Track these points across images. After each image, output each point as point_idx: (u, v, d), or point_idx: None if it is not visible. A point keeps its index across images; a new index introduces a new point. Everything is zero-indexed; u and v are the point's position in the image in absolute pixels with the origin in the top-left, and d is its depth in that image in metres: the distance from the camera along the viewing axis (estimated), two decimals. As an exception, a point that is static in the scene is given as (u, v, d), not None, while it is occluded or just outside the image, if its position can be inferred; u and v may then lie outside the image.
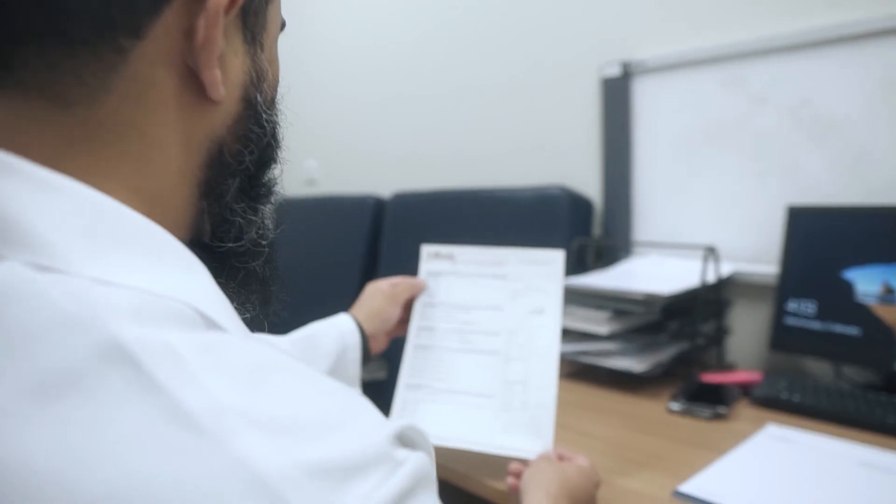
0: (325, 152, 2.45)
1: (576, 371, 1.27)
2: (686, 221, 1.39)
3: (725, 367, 1.27)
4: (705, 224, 1.35)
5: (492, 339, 0.85)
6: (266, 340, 0.43)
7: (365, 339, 0.83)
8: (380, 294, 0.87)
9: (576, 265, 1.36)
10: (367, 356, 0.84)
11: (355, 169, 2.32)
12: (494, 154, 1.79)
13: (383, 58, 2.15)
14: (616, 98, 1.47)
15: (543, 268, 0.87)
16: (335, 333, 0.81)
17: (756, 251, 1.27)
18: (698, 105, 1.34)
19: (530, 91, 1.69)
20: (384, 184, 2.01)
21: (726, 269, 1.25)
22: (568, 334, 1.25)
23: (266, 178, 0.41)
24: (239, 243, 0.38)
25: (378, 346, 0.87)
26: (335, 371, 0.80)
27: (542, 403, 0.80)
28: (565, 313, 1.19)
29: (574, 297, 1.18)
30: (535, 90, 1.67)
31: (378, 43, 2.18)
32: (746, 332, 1.30)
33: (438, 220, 1.70)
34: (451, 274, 0.91)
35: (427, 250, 0.93)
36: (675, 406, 1.03)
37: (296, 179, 2.57)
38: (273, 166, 0.41)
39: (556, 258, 0.87)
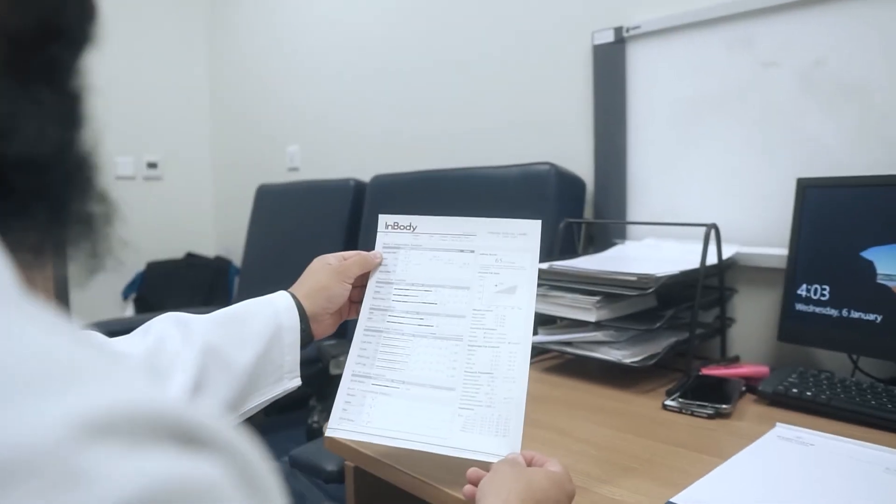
0: (308, 138, 2.33)
1: (560, 363, 1.15)
2: (685, 200, 1.26)
3: (728, 360, 1.14)
4: (706, 202, 1.23)
5: (455, 323, 0.73)
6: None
7: (305, 321, 0.71)
8: (326, 269, 0.74)
9: (564, 249, 1.23)
10: (308, 340, 0.72)
11: (339, 153, 2.20)
12: (480, 132, 1.67)
13: (361, 34, 2.03)
14: (608, 67, 1.34)
15: (517, 240, 0.75)
16: (268, 312, 0.69)
17: (763, 231, 1.15)
18: (699, 71, 1.21)
19: (516, 63, 1.56)
20: (370, 167, 1.89)
21: (729, 251, 1.12)
22: (552, 322, 1.12)
23: (50, 44, 0.28)
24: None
25: (322, 328, 0.74)
26: (266, 357, 0.67)
27: (511, 397, 0.68)
28: (550, 299, 1.06)
29: (560, 282, 1.06)
30: (521, 61, 1.55)
31: (355, 18, 2.05)
32: (751, 321, 1.18)
33: (419, 202, 1.57)
34: (411, 247, 0.78)
35: (384, 220, 0.80)
36: (671, 403, 0.91)
37: (279, 166, 2.45)
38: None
39: (531, 229, 0.75)
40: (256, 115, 2.58)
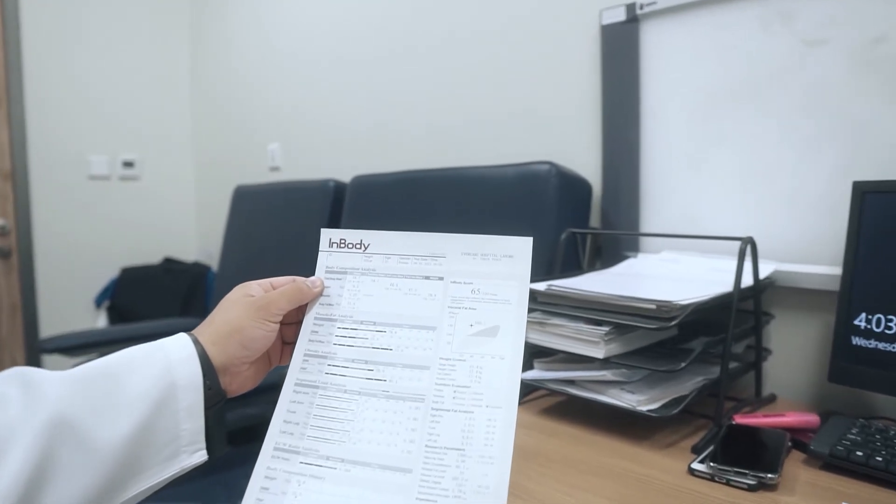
0: (288, 135, 2.15)
1: (558, 403, 0.95)
2: (709, 207, 1.07)
3: (763, 400, 0.95)
4: (735, 210, 1.03)
5: (416, 376, 0.54)
6: None
7: (212, 374, 0.52)
8: (243, 303, 0.55)
9: (566, 264, 1.04)
10: (216, 398, 0.53)
11: (321, 151, 2.02)
12: (470, 127, 1.48)
13: (343, 19, 1.85)
14: (619, 50, 1.15)
15: (500, 264, 0.56)
16: (155, 365, 0.50)
17: (807, 245, 0.95)
18: (728, 53, 1.02)
19: (512, 47, 1.37)
20: (355, 166, 1.71)
21: (766, 269, 0.93)
22: (550, 356, 0.93)
23: None
24: None
25: (239, 382, 0.56)
26: (151, 428, 0.49)
27: (487, 486, 0.49)
28: (548, 328, 0.87)
29: (561, 307, 0.87)
30: (519, 47, 1.36)
31: (338, 6, 1.87)
32: (790, 352, 0.98)
33: (402, 205, 1.39)
34: (362, 272, 0.59)
35: (327, 235, 0.62)
36: (701, 467, 0.71)
37: (261, 166, 2.27)
38: None
39: (519, 249, 0.56)
40: (237, 111, 2.40)
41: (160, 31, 2.63)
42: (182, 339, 0.53)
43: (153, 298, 2.48)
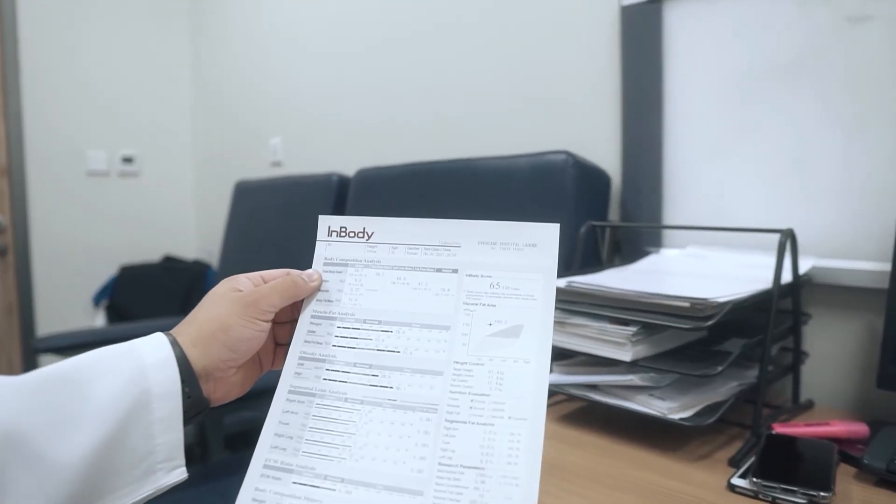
0: (290, 128, 2.09)
1: (579, 408, 0.88)
2: (738, 198, 0.99)
3: (800, 406, 0.87)
4: (767, 201, 0.96)
5: (427, 383, 0.47)
6: None
7: (192, 380, 0.46)
8: (229, 298, 0.48)
9: (585, 258, 0.97)
10: (198, 408, 0.46)
11: (324, 144, 1.95)
12: (481, 116, 1.41)
13: (346, 6, 1.77)
14: (640, 32, 1.08)
15: (523, 254, 0.49)
16: (128, 370, 0.44)
17: (850, 239, 0.88)
18: (760, 33, 0.95)
19: (524, 32, 1.30)
20: (359, 159, 1.64)
21: (805, 264, 0.86)
22: (571, 358, 0.86)
23: None
24: None
25: (225, 389, 0.49)
26: (120, 442, 0.42)
27: (512, 512, 0.42)
28: (568, 328, 0.80)
29: (583, 305, 0.80)
30: (531, 28, 1.28)
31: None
32: (829, 354, 0.91)
33: (408, 199, 1.32)
34: (365, 264, 0.53)
35: (326, 223, 0.55)
36: (742, 483, 0.64)
37: (263, 160, 2.20)
38: None
39: (544, 237, 0.49)
40: (239, 104, 2.34)
41: (159, 22, 2.57)
42: (158, 339, 0.46)
43: (152, 297, 2.42)
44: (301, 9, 1.98)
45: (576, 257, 0.95)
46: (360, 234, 0.53)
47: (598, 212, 1.10)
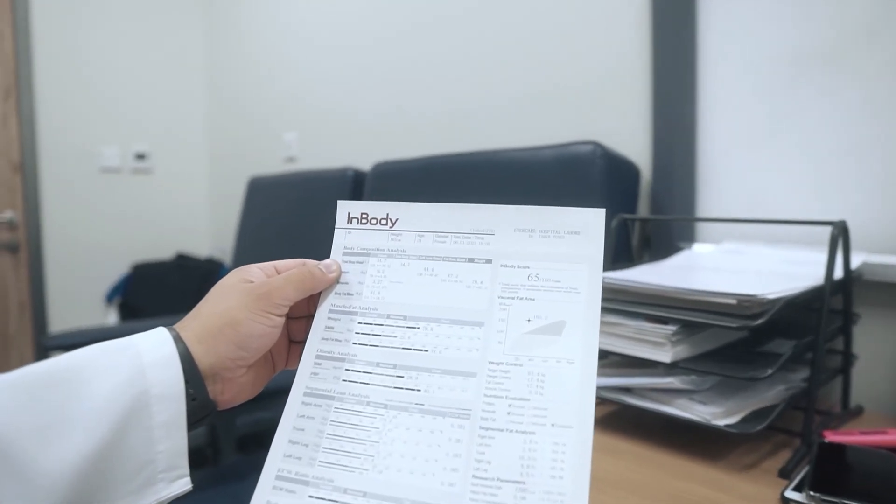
0: (305, 123, 2.05)
1: (609, 417, 0.83)
2: (779, 190, 0.93)
3: (850, 412, 0.81)
4: (810, 193, 0.90)
5: (459, 385, 0.42)
6: None
7: (198, 381, 0.41)
8: (241, 290, 0.44)
9: (616, 253, 0.92)
10: (204, 411, 0.41)
11: (340, 139, 1.91)
12: (502, 106, 1.35)
13: (359, 1, 1.73)
14: (672, 12, 1.02)
15: (564, 242, 0.44)
16: (126, 369, 0.39)
17: (904, 232, 0.82)
18: (805, 11, 0.89)
19: (548, 15, 1.24)
20: (375, 153, 1.59)
21: (857, 260, 0.80)
22: (604, 359, 0.81)
23: None
24: None
25: (234, 390, 0.44)
26: (117, 449, 0.37)
27: (558, 535, 0.36)
28: (602, 327, 0.74)
29: (617, 303, 0.75)
30: (556, 12, 1.23)
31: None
32: (880, 357, 0.85)
33: (427, 193, 1.27)
34: (389, 254, 0.48)
35: (345, 209, 0.50)
36: (797, 496, 0.59)
37: (277, 156, 2.16)
38: None
39: (588, 224, 0.44)
40: (252, 99, 2.31)
41: (173, 17, 2.54)
42: (159, 334, 0.41)
43: (165, 295, 2.39)
44: (315, 2, 1.94)
45: (608, 253, 0.89)
46: (384, 221, 0.49)
47: (628, 205, 1.04)
